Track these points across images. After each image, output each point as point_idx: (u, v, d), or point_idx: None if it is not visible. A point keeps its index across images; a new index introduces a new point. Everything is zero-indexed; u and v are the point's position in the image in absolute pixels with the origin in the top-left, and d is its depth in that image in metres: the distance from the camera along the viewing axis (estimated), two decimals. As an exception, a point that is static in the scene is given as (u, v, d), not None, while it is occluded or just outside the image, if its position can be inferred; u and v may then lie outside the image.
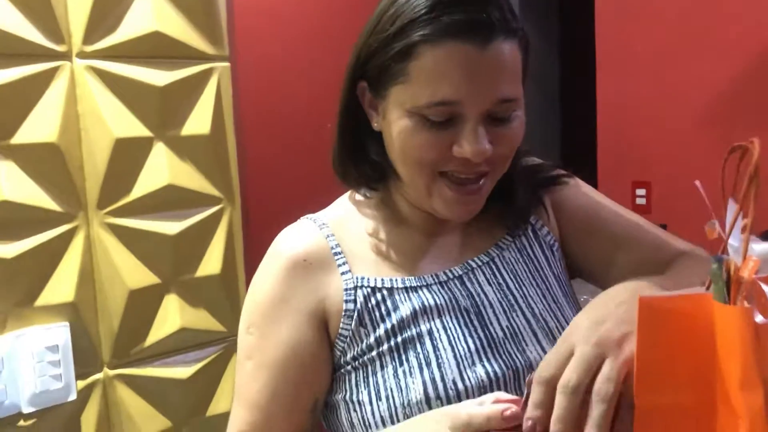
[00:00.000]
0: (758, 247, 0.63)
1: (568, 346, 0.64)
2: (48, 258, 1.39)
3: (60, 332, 1.39)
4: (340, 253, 0.89)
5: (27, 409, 1.34)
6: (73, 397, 1.40)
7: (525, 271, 0.93)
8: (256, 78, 1.99)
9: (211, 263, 1.61)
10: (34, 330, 1.36)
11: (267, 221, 1.40)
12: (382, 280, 0.88)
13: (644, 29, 2.52)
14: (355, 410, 0.86)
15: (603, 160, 2.78)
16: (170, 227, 1.54)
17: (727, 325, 0.61)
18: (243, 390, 0.88)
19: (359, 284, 0.87)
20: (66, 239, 1.42)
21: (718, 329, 0.62)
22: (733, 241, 0.66)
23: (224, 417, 1.60)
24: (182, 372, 1.56)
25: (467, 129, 0.78)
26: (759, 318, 0.63)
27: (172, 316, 1.55)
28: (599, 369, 0.62)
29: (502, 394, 0.68)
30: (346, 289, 0.87)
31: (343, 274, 0.88)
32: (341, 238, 0.91)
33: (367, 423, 0.85)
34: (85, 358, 1.44)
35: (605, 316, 0.66)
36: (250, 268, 1.71)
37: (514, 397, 0.69)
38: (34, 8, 1.36)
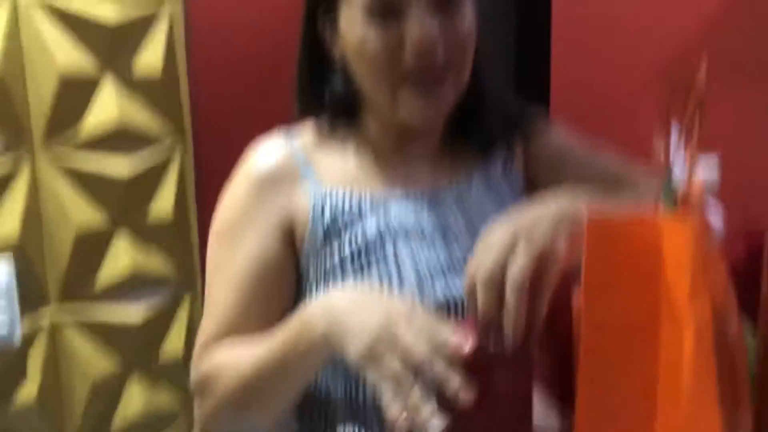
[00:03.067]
0: (704, 167, 0.65)
1: (486, 247, 0.70)
2: (-11, 194, 1.35)
3: (2, 271, 1.35)
4: (308, 168, 0.90)
5: (-31, 349, 1.31)
6: (17, 339, 1.37)
7: (492, 204, 0.95)
8: (210, 16, 1.94)
9: (162, 206, 1.58)
10: (-24, 268, 1.32)
11: (219, 164, 1.37)
12: (350, 195, 0.89)
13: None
14: None
15: (556, 111, 2.80)
16: (120, 167, 1.50)
17: (675, 237, 0.62)
18: (213, 306, 0.89)
19: (326, 198, 0.88)
20: (8, 175, 1.37)
21: (666, 243, 0.64)
22: (679, 161, 0.67)
23: (176, 362, 1.59)
24: (132, 315, 1.54)
25: (413, 17, 0.80)
26: (704, 237, 0.65)
27: (122, 259, 1.52)
28: (512, 264, 0.68)
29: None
30: (313, 203, 0.88)
31: (310, 187, 0.89)
32: (310, 154, 0.92)
33: None
34: (30, 300, 1.40)
35: (518, 225, 0.71)
36: (202, 212, 1.69)
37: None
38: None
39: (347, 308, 0.74)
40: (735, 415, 0.66)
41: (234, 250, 0.88)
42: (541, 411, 0.76)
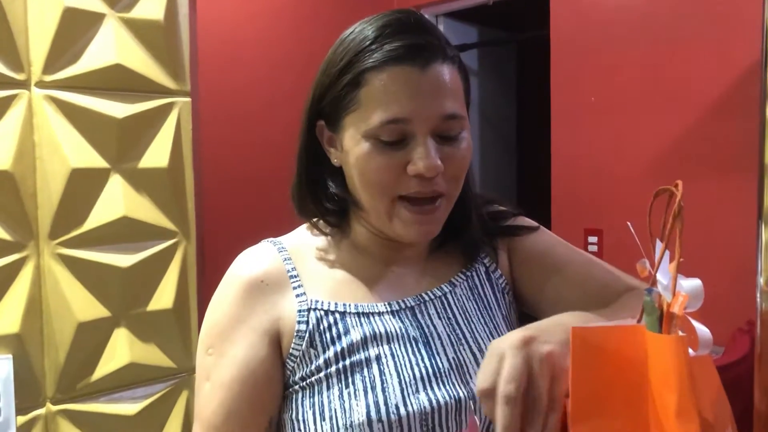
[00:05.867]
0: (686, 283, 0.67)
1: (499, 357, 0.68)
2: (-6, 287, 1.37)
3: (2, 365, 1.36)
4: (296, 277, 0.91)
5: (-37, 444, 1.31)
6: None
7: (474, 308, 0.96)
8: (216, 114, 2.02)
9: (164, 297, 1.59)
10: (-24, 361, 1.33)
11: (221, 257, 1.40)
12: (336, 304, 0.90)
13: (598, 83, 2.62)
14: (299, 429, 0.87)
15: (556, 208, 2.85)
16: (123, 260, 1.53)
17: (661, 354, 0.63)
18: (201, 411, 0.89)
19: (313, 306, 0.89)
20: (14, 269, 1.40)
21: (651, 359, 0.65)
22: (662, 278, 0.69)
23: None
24: (129, 408, 1.53)
25: (418, 146, 0.82)
26: (690, 351, 0.66)
27: (121, 350, 1.53)
28: (531, 376, 0.67)
29: None
30: (299, 311, 0.89)
31: (297, 296, 0.90)
32: (298, 262, 0.93)
33: None
34: (27, 392, 1.40)
35: (531, 333, 0.71)
36: (203, 304, 1.70)
37: None
38: (-5, 36, 1.37)
39: None
40: None
41: (223, 356, 0.88)
42: None
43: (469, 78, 0.91)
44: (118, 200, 1.52)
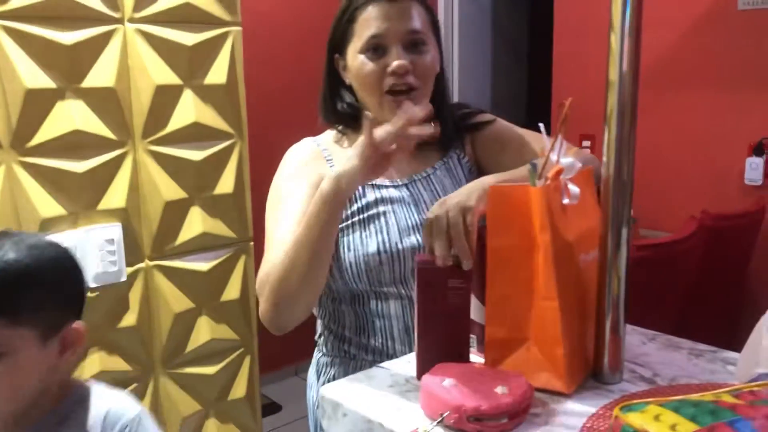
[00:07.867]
0: (564, 160, 1.11)
1: (429, 219, 1.09)
2: (106, 174, 1.85)
3: (115, 230, 1.86)
4: (330, 159, 1.34)
5: (92, 285, 1.82)
6: (123, 278, 1.88)
7: (450, 183, 1.38)
8: (260, 39, 2.42)
9: (226, 184, 2.07)
10: (97, 227, 1.83)
11: (267, 154, 1.81)
12: None
13: (594, 5, 2.95)
14: (332, 259, 1.33)
15: (556, 115, 3.23)
16: (195, 155, 2.00)
17: (534, 197, 1.08)
18: (272, 238, 1.25)
19: None
20: (119, 161, 1.88)
21: (532, 201, 1.09)
22: (552, 156, 1.12)
23: (235, 303, 2.09)
24: (203, 266, 2.04)
25: (392, 52, 1.21)
26: (565, 200, 1.10)
27: (196, 223, 2.02)
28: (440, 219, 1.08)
29: None
30: None
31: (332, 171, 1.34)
32: (329, 151, 1.33)
33: (339, 267, 1.32)
34: (132, 251, 1.91)
35: (452, 195, 1.12)
36: (254, 189, 2.18)
37: None
38: (97, -16, 1.80)
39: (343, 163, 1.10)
40: (585, 323, 1.09)
41: (285, 202, 1.27)
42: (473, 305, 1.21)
43: (436, 15, 1.28)
44: (190, 109, 1.98)
